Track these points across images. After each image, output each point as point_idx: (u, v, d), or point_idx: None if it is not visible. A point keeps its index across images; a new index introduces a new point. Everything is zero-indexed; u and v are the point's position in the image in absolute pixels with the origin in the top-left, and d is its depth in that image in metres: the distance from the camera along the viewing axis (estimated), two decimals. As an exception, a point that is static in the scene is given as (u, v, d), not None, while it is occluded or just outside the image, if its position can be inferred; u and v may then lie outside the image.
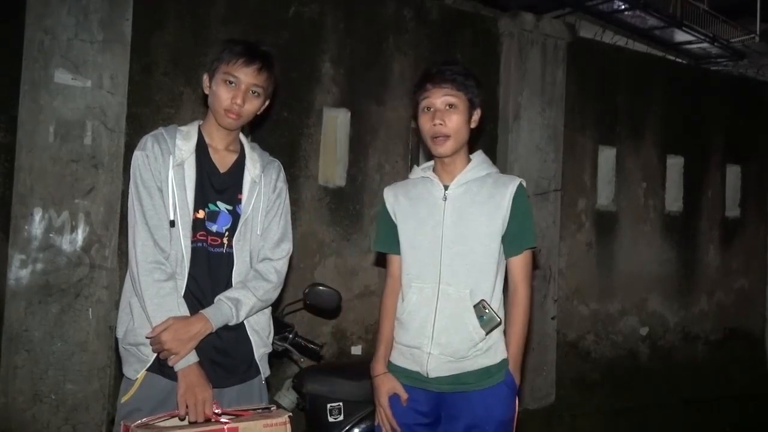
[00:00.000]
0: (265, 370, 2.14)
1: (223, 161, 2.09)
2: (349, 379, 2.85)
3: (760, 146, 5.94)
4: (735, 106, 5.75)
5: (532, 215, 2.16)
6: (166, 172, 1.97)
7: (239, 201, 2.06)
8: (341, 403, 2.80)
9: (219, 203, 2.04)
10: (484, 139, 4.48)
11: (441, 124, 2.07)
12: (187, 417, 1.87)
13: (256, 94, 2.06)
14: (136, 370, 1.95)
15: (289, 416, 1.89)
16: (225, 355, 2.03)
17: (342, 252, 3.96)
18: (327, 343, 3.83)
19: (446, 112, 2.08)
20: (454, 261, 2.09)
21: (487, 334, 2.07)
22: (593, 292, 4.97)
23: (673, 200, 5.45)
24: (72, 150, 3.13)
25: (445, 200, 2.14)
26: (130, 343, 1.96)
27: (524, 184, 2.16)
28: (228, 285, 2.03)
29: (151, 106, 3.43)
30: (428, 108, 2.10)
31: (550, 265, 4.55)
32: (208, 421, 1.86)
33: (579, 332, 4.91)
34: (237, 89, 2.01)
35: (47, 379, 3.11)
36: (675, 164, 5.45)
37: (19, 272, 3.07)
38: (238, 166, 2.11)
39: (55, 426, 3.12)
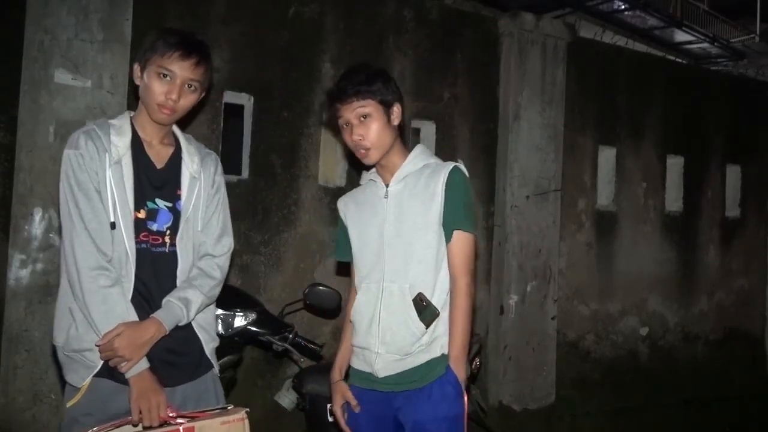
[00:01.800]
0: (215, 364, 2.11)
1: (158, 156, 2.02)
2: (349, 379, 2.85)
3: (760, 146, 5.94)
4: (735, 106, 5.75)
5: (466, 198, 2.11)
6: (103, 172, 1.88)
7: (179, 197, 2.00)
8: (341, 403, 2.80)
9: (158, 200, 1.98)
10: (484, 138, 4.49)
11: (360, 138, 2.09)
12: (140, 423, 1.83)
13: (192, 88, 1.97)
14: (83, 377, 1.88)
15: (246, 412, 1.87)
16: (175, 354, 1.98)
17: (342, 252, 3.95)
18: (327, 343, 3.82)
19: (362, 125, 2.09)
20: (396, 257, 2.11)
21: (427, 327, 2.07)
22: (593, 292, 4.97)
23: (673, 200, 5.45)
24: (72, 150, 3.12)
25: (387, 198, 2.16)
26: (74, 349, 1.88)
27: (461, 167, 2.13)
28: (173, 284, 1.99)
29: (151, 106, 3.42)
30: (345, 124, 2.13)
31: (550, 265, 4.55)
32: (162, 425, 1.83)
33: (579, 332, 4.90)
34: (172, 84, 1.92)
35: (47, 379, 3.10)
36: (675, 164, 5.45)
37: (19, 272, 3.07)
38: (175, 161, 2.03)
39: (55, 426, 3.11)
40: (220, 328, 2.65)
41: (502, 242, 4.43)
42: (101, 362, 1.87)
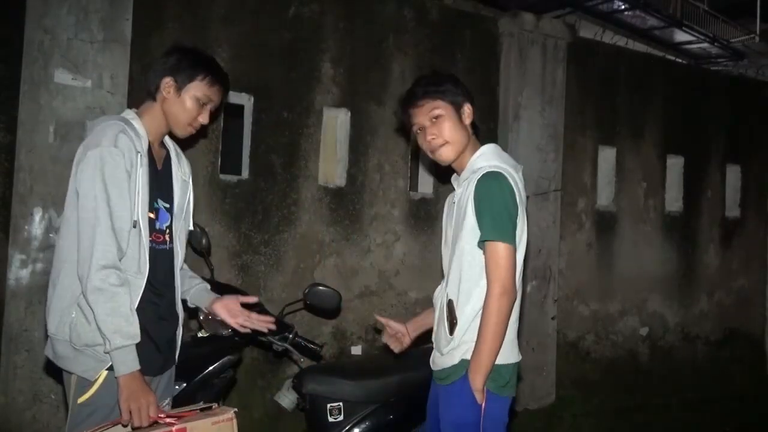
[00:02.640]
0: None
1: (157, 157, 2.13)
2: (349, 379, 2.85)
3: (760, 146, 5.94)
4: (735, 106, 5.75)
5: (493, 206, 2.05)
6: (135, 172, 1.96)
7: (173, 199, 2.15)
8: (341, 403, 2.80)
9: (159, 200, 2.09)
10: (484, 139, 4.48)
11: (434, 137, 2.16)
12: (130, 424, 1.86)
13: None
14: (95, 369, 1.93)
15: (235, 412, 1.91)
16: (171, 342, 2.14)
17: (342, 252, 3.96)
18: (327, 343, 3.83)
19: (435, 125, 2.15)
20: (452, 261, 2.15)
21: (450, 333, 2.11)
22: (593, 292, 4.97)
23: (673, 200, 5.45)
24: (72, 150, 3.06)
25: (455, 202, 2.19)
26: (86, 344, 1.92)
27: (495, 171, 2.09)
28: (172, 279, 2.14)
29: (151, 106, 3.42)
30: (420, 129, 2.19)
31: (550, 265, 4.55)
32: (152, 425, 1.85)
33: (579, 332, 4.90)
34: (205, 108, 2.11)
35: (47, 379, 3.10)
36: (675, 164, 5.45)
37: (19, 272, 3.07)
38: (168, 163, 2.17)
39: (55, 426, 3.12)
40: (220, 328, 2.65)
41: (502, 242, 4.42)
42: None
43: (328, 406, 2.78)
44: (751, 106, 5.85)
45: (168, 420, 1.86)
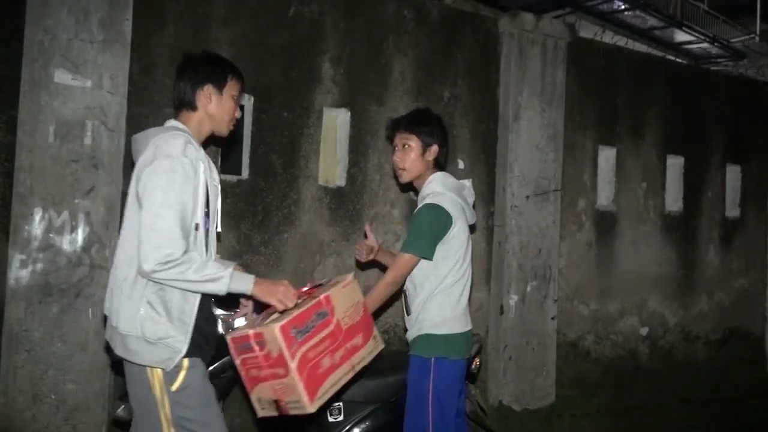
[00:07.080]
0: None
1: None
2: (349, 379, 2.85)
3: (760, 146, 5.94)
4: (735, 106, 5.75)
5: (414, 227, 2.71)
6: (197, 180, 2.15)
7: (208, 204, 2.29)
8: (341, 403, 2.80)
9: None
10: (484, 138, 4.50)
11: (398, 160, 2.79)
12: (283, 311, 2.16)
13: None
14: (171, 359, 2.11)
15: (353, 274, 2.38)
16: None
17: (342, 252, 3.96)
18: (327, 343, 3.82)
19: (403, 151, 2.77)
20: None
21: (408, 314, 2.80)
22: (593, 292, 4.97)
23: (673, 200, 5.45)
24: (72, 150, 3.13)
25: None
26: (160, 337, 2.10)
27: (429, 203, 2.69)
28: None
29: (151, 106, 3.42)
30: (395, 147, 2.82)
31: (550, 265, 4.55)
32: (297, 304, 2.17)
33: (579, 332, 4.90)
34: (237, 104, 2.36)
35: (47, 379, 3.11)
36: (675, 164, 5.45)
37: (19, 272, 3.07)
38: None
39: (55, 426, 3.12)
40: (220, 328, 2.65)
41: (502, 242, 4.43)
42: (187, 345, 2.13)
43: (328, 406, 2.79)
44: (751, 106, 5.85)
45: (312, 295, 2.23)
